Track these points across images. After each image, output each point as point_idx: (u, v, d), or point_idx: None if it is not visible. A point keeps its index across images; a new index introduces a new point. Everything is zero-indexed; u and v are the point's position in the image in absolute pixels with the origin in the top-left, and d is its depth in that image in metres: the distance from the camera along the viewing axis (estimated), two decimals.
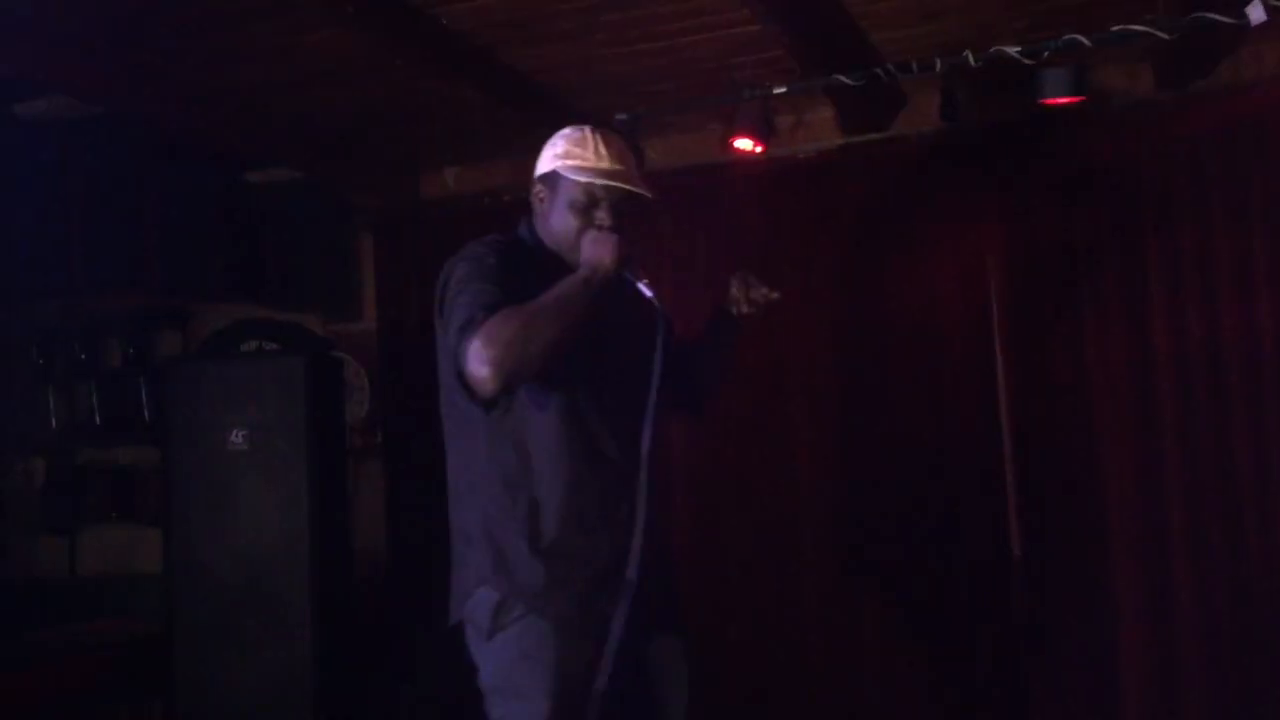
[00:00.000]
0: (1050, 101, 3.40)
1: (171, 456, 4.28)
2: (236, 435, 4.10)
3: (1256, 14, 3.10)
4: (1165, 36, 3.31)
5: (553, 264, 2.39)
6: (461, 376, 2.19)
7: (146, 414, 5.12)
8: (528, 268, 2.34)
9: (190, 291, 4.97)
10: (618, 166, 2.39)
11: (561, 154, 2.41)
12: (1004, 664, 4.20)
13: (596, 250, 2.29)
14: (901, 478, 4.34)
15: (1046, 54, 3.39)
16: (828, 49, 3.73)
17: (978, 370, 4.31)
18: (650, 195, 2.39)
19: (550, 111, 4.33)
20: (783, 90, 3.77)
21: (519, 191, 4.84)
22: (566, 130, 2.47)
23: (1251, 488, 3.94)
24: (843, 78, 3.70)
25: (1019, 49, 3.42)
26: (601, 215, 2.37)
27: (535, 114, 4.30)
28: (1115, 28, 3.33)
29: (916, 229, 4.38)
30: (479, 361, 2.12)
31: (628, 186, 2.36)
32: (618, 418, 2.35)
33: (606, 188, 2.36)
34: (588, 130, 2.45)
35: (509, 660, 2.25)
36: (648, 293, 2.30)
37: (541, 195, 2.45)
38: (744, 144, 3.86)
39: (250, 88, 4.03)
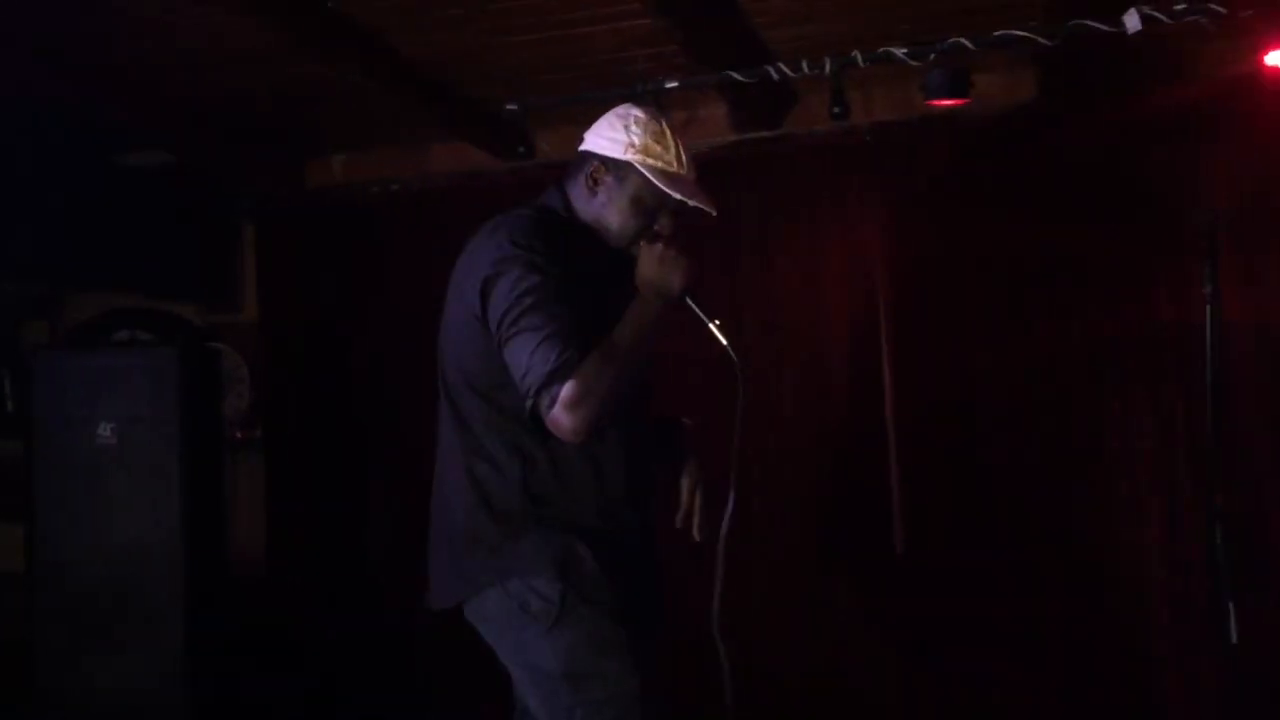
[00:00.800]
0: (935, 103, 3.46)
1: (36, 450, 4.08)
2: (105, 428, 3.93)
3: (1133, 23, 3.19)
4: (1046, 42, 3.39)
5: (589, 241, 2.34)
6: (535, 410, 2.15)
7: (10, 405, 4.90)
8: (566, 247, 2.26)
9: (60, 278, 4.76)
10: (692, 175, 2.33)
11: (640, 148, 2.30)
12: (886, 657, 4.26)
13: (665, 273, 2.22)
14: (786, 475, 4.37)
15: (932, 56, 3.44)
16: (720, 45, 3.73)
17: (864, 369, 4.36)
18: (715, 212, 2.32)
19: (440, 99, 4.26)
20: (674, 85, 3.76)
21: (408, 181, 4.88)
22: (640, 115, 2.34)
23: (1123, 485, 4.07)
24: (735, 74, 3.70)
25: (905, 50, 3.47)
26: (665, 221, 2.32)
27: (425, 101, 4.23)
28: (998, 32, 3.40)
29: (806, 227, 4.42)
30: (571, 415, 2.11)
31: (706, 207, 2.31)
32: (637, 424, 2.36)
33: (682, 202, 2.29)
34: (665, 124, 2.34)
35: (583, 645, 2.23)
36: (722, 339, 2.26)
37: (599, 178, 2.33)
38: None
39: (127, 66, 3.87)
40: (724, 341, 2.26)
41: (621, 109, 2.37)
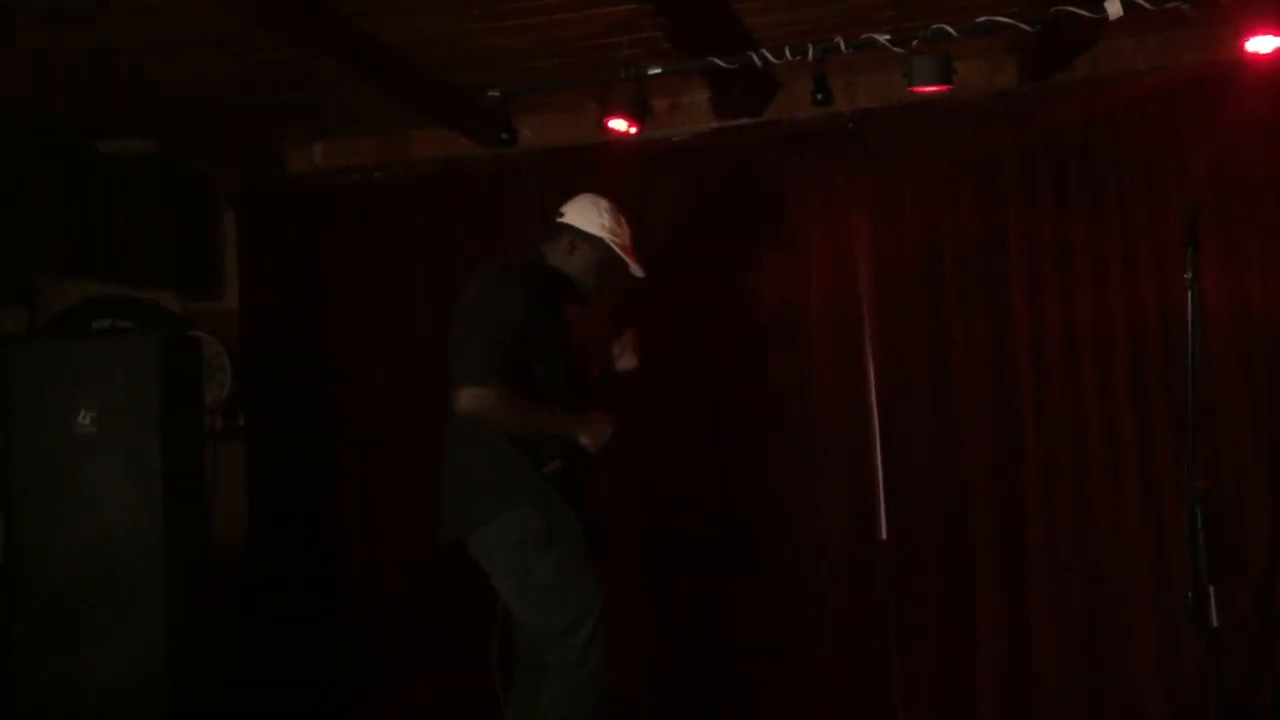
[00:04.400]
0: (919, 89, 3.45)
1: (14, 439, 4.03)
2: (85, 417, 3.90)
3: (1114, 8, 3.21)
4: (1028, 28, 3.40)
5: (563, 285, 3.37)
6: (462, 387, 3.11)
7: None
8: (545, 290, 3.27)
9: (37, 267, 4.71)
10: (631, 246, 3.43)
11: (609, 230, 3.36)
12: (872, 642, 4.28)
13: (594, 435, 3.22)
14: (772, 463, 4.38)
15: (915, 42, 3.45)
16: (703, 31, 3.71)
17: (848, 356, 4.36)
18: (643, 275, 3.43)
19: (421, 85, 4.23)
20: (658, 71, 3.75)
21: (389, 167, 4.86)
22: (606, 204, 3.40)
23: (1102, 469, 4.08)
24: (717, 60, 3.70)
25: (888, 36, 3.47)
26: (608, 283, 3.46)
27: (406, 88, 4.20)
28: (981, 19, 3.40)
29: (788, 215, 4.42)
30: (470, 406, 3.08)
31: (639, 273, 3.43)
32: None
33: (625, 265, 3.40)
34: (618, 211, 3.42)
35: (565, 562, 3.15)
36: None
37: (576, 245, 3.37)
38: (618, 125, 3.83)
39: (102, 53, 3.83)
40: (548, 469, 3.18)
41: (591, 197, 3.42)
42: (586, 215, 3.36)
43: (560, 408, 3.19)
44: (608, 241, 3.34)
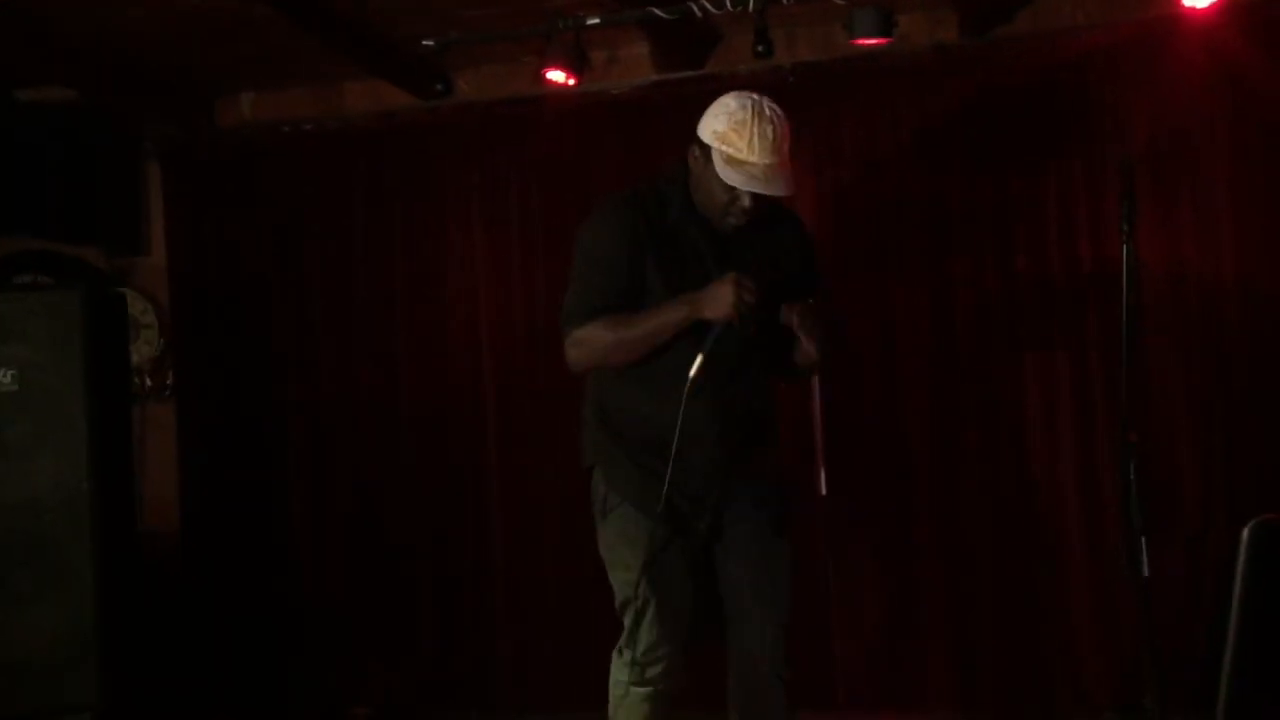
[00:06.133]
0: (860, 41, 3.43)
1: None
2: (5, 375, 3.79)
3: None
4: None
5: (695, 216, 2.76)
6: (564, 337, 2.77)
7: None
8: (666, 210, 2.76)
9: None
10: (767, 160, 2.61)
11: (720, 136, 2.64)
12: (810, 597, 4.30)
13: (714, 303, 2.61)
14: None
15: None
16: None
17: None
18: (786, 193, 2.67)
19: (354, 36, 4.13)
20: (596, 22, 3.69)
21: (322, 120, 4.74)
22: (733, 104, 2.67)
23: (1041, 422, 4.12)
24: (657, 11, 3.64)
25: None
26: (743, 201, 2.66)
27: (339, 39, 4.10)
28: None
29: None
30: (570, 353, 2.76)
31: (763, 191, 2.63)
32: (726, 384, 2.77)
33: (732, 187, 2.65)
34: (750, 111, 2.64)
35: (621, 539, 2.79)
36: (693, 370, 2.63)
37: (696, 156, 2.71)
38: (556, 76, 3.78)
39: None
40: (692, 372, 2.62)
41: (731, 95, 2.72)
42: (709, 116, 2.71)
43: (650, 312, 2.71)
44: (715, 149, 2.65)
